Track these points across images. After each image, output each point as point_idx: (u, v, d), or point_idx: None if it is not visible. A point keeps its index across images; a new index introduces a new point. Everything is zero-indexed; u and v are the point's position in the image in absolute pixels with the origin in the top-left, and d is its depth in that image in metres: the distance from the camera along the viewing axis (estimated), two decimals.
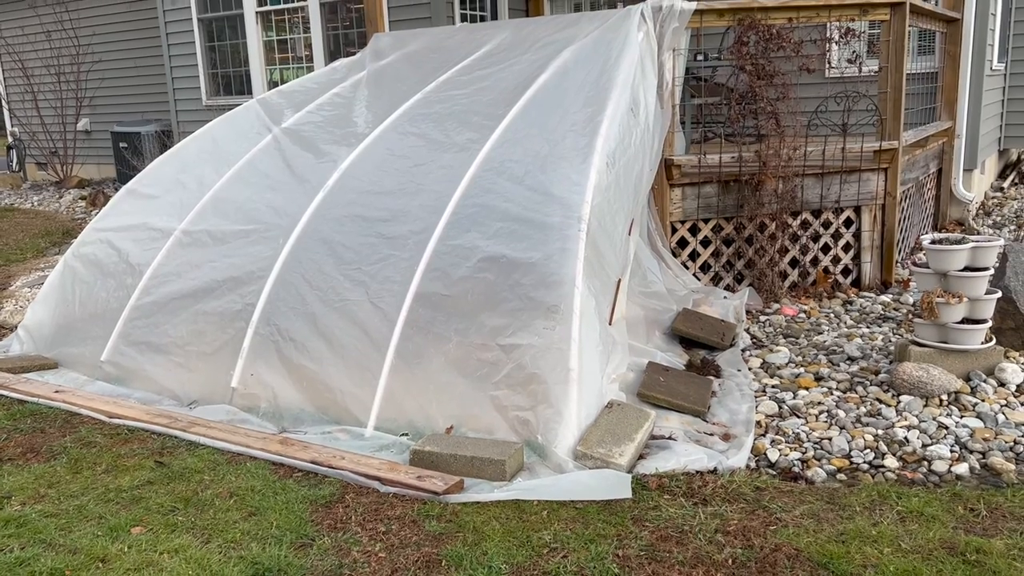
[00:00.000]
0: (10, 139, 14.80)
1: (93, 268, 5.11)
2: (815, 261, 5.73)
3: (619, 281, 4.30)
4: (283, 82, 9.66)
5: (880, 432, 3.62)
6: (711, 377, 4.33)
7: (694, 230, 5.61)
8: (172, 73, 11.08)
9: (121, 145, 11.84)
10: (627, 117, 4.52)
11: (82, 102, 13.04)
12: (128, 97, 13.10)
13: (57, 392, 4.34)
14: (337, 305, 4.09)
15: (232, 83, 10.63)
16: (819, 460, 3.45)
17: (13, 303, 6.12)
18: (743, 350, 4.71)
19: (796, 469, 3.40)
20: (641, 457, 3.47)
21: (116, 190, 9.65)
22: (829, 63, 5.87)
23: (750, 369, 4.44)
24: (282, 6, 9.82)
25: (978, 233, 7.34)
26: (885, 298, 5.50)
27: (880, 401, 3.92)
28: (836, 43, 5.66)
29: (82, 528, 3.01)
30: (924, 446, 3.50)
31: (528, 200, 4.05)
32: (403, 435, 3.68)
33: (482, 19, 9.08)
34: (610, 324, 4.12)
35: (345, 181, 4.68)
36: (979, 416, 3.71)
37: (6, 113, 14.89)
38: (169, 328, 4.52)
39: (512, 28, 5.80)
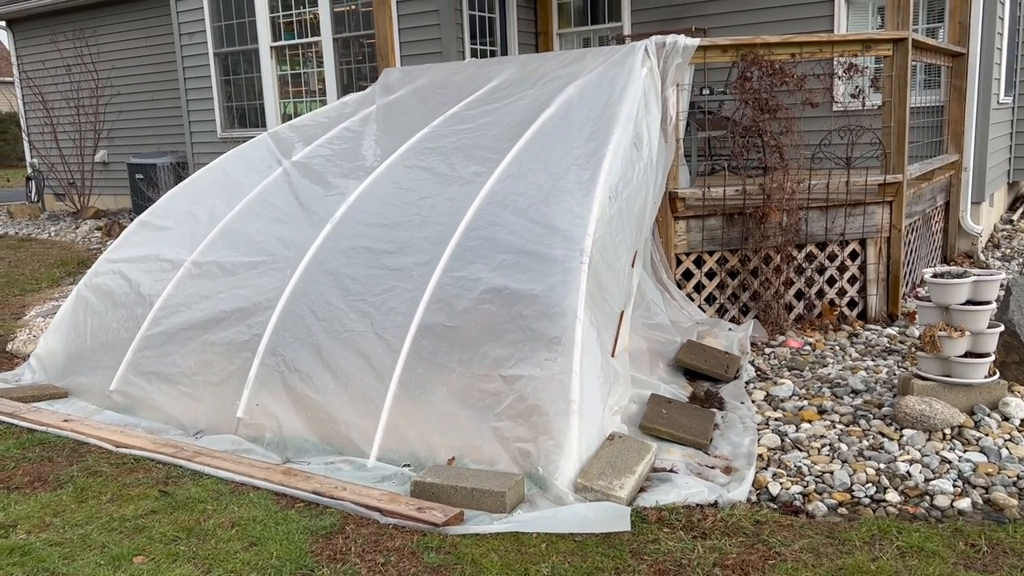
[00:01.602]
0: (29, 170, 15.07)
1: (105, 298, 5.19)
2: (820, 294, 5.74)
3: (622, 313, 4.33)
4: (297, 115, 9.83)
5: (882, 466, 3.61)
6: (714, 410, 4.34)
7: (699, 262, 5.64)
8: (188, 106, 11.29)
9: (137, 176, 12.04)
10: (630, 151, 4.58)
11: (100, 134, 13.30)
12: (145, 129, 13.35)
13: (66, 421, 4.39)
14: (342, 336, 4.14)
15: (247, 116, 10.82)
16: (820, 494, 3.45)
17: (27, 332, 6.20)
18: (747, 382, 4.71)
19: (797, 503, 3.39)
20: (642, 490, 3.48)
21: (131, 220, 9.82)
22: (833, 98, 5.94)
23: (753, 402, 4.44)
24: (296, 41, 10.01)
25: (987, 266, 7.33)
26: (891, 331, 5.49)
27: (883, 435, 3.91)
28: (839, 78, 5.72)
29: (85, 557, 3.04)
30: (926, 480, 3.48)
31: (531, 232, 4.10)
32: (405, 466, 3.70)
33: (492, 54, 9.22)
34: (612, 356, 4.14)
35: (352, 214, 4.75)
36: (982, 451, 3.70)
37: (26, 145, 15.17)
38: (178, 358, 4.58)
39: (519, 64, 5.90)
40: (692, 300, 5.58)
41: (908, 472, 3.54)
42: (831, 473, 3.58)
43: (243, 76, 10.68)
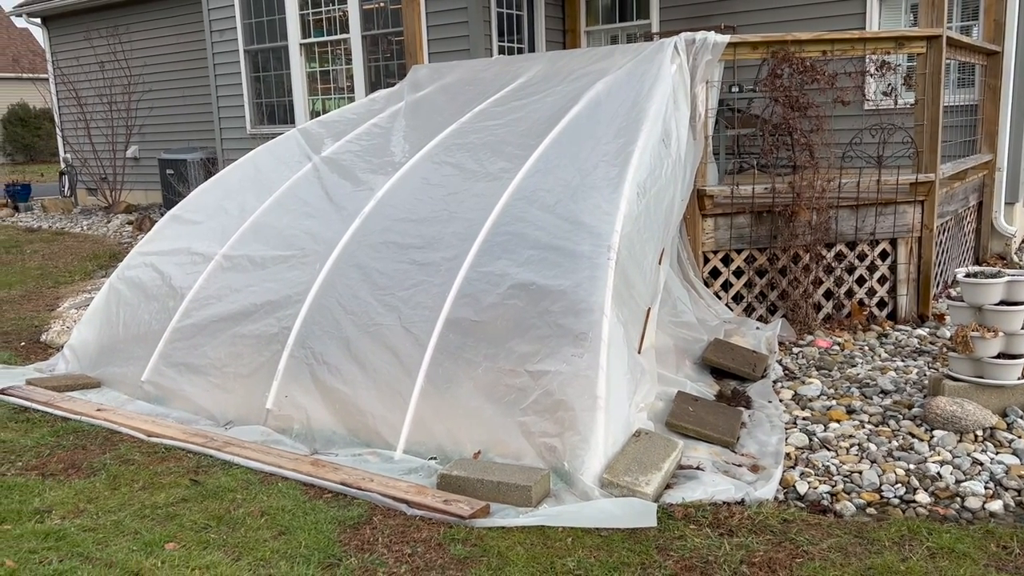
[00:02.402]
0: (62, 165, 15.32)
1: (137, 291, 5.27)
2: (850, 293, 5.69)
3: (649, 310, 4.32)
4: (325, 112, 9.90)
5: (912, 467, 3.58)
6: (741, 408, 4.32)
7: (727, 260, 5.61)
8: (218, 103, 11.41)
9: (168, 172, 12.19)
10: (658, 148, 4.57)
11: (132, 130, 13.48)
12: (176, 125, 13.51)
13: (99, 410, 4.46)
14: (370, 329, 4.17)
15: (276, 112, 10.92)
16: (849, 493, 3.42)
17: (60, 323, 6.31)
18: (775, 381, 4.68)
19: (825, 502, 3.37)
20: (668, 487, 3.47)
21: (162, 215, 9.96)
22: (864, 96, 5.88)
23: (781, 401, 4.41)
24: (325, 38, 10.09)
25: (1020, 267, 7.22)
26: (921, 331, 5.43)
27: (913, 435, 3.87)
28: (872, 76, 5.66)
29: (118, 543, 3.10)
30: (957, 482, 3.44)
31: (558, 228, 4.11)
32: (432, 459, 3.72)
33: (519, 51, 9.23)
34: (639, 353, 4.13)
35: (381, 209, 4.78)
36: (1015, 452, 3.65)
37: (59, 140, 15.41)
38: (208, 350, 4.64)
39: (547, 60, 5.90)
40: (719, 298, 5.55)
41: (939, 473, 3.50)
42: (860, 473, 3.55)
43: (272, 73, 10.77)
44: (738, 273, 5.64)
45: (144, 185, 14.15)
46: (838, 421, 4.10)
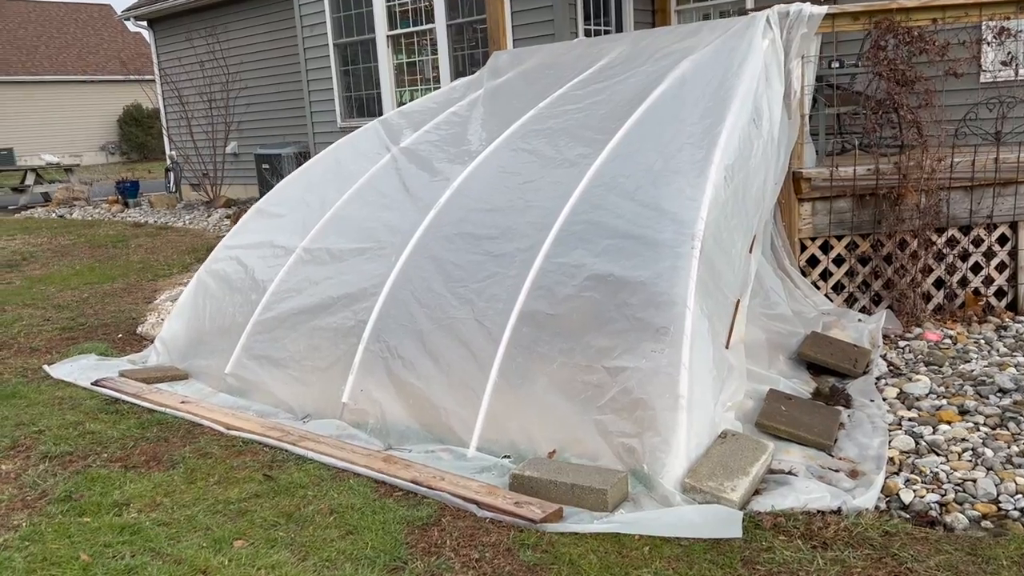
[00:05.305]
0: (168, 162, 15.96)
1: (222, 284, 5.34)
2: (963, 282, 5.24)
3: (738, 302, 4.05)
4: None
5: None
6: (839, 407, 4.01)
7: (825, 247, 5.26)
8: (310, 97, 11.60)
9: (263, 166, 12.50)
10: (748, 128, 4.28)
11: (230, 126, 13.88)
12: (271, 121, 13.84)
13: (183, 403, 4.53)
14: (444, 323, 4.06)
15: (364, 105, 11.00)
16: (960, 504, 3.10)
17: (155, 316, 6.49)
18: (878, 378, 4.34)
19: (933, 513, 3.06)
20: (756, 492, 3.23)
21: None
22: (980, 66, 5.38)
23: (884, 399, 4.07)
24: (411, 29, 10.08)
25: None
26: None
27: None
28: (988, 44, 5.18)
29: (189, 538, 3.09)
30: None
31: (638, 216, 3.90)
32: (505, 457, 3.59)
33: (606, 34, 8.97)
34: (727, 348, 3.88)
35: (456, 199, 4.67)
36: None
37: (165, 138, 16.05)
38: (288, 343, 4.64)
39: (630, 41, 5.66)
40: (818, 288, 5.21)
41: None
42: (974, 481, 3.22)
43: (361, 66, 10.86)
44: (838, 261, 5.28)
45: (243, 180, 14.56)
46: (949, 423, 3.74)
